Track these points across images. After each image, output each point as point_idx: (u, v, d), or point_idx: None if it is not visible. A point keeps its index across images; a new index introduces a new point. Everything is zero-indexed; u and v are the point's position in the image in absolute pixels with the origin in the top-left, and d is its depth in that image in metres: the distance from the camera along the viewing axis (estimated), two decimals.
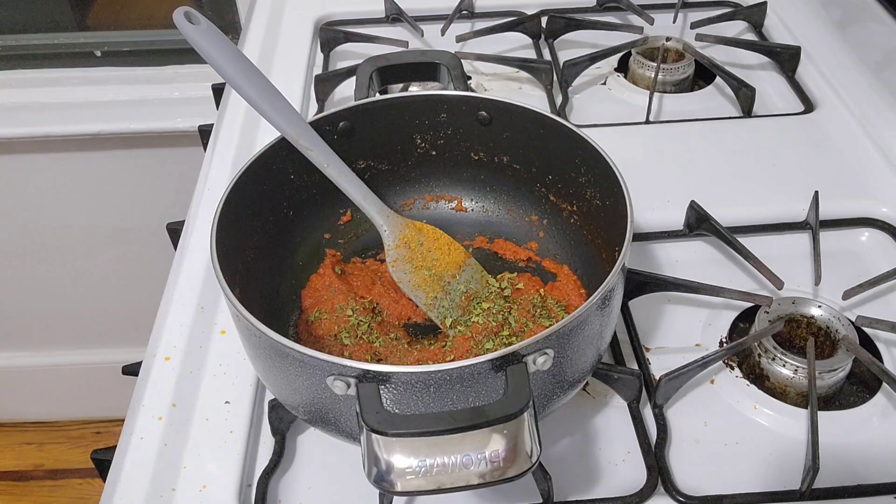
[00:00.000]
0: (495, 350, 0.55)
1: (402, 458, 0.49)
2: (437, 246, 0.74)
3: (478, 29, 1.12)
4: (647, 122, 0.99)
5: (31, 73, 1.40)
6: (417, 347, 0.69)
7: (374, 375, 0.51)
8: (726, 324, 0.75)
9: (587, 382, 0.68)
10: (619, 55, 1.08)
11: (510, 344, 0.64)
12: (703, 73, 1.06)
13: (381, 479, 0.49)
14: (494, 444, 0.49)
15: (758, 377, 0.70)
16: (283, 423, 0.66)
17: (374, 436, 0.49)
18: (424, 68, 0.87)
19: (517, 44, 1.14)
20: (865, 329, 0.72)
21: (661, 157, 0.93)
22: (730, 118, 0.99)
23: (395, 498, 0.62)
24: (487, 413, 0.49)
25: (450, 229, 0.80)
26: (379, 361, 0.67)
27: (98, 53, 1.40)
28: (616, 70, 1.09)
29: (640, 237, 0.83)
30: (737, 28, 1.16)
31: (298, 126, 0.68)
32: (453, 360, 0.65)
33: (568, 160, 0.72)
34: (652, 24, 1.10)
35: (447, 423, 0.48)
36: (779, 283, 0.75)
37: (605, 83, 1.07)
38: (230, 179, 0.67)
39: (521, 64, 1.05)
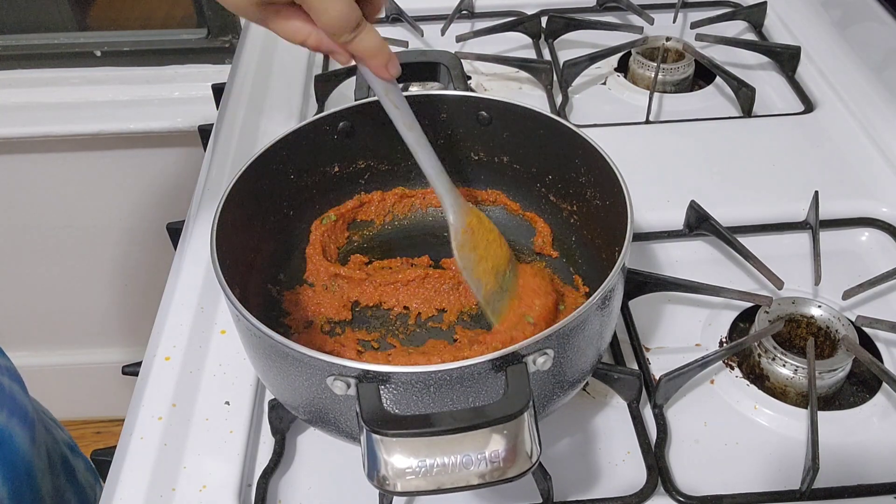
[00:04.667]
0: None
1: (402, 459, 0.49)
2: (492, 237, 0.70)
3: (478, 29, 1.12)
4: (647, 122, 0.99)
5: (31, 73, 1.40)
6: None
7: (374, 375, 0.51)
8: (726, 324, 0.75)
9: (587, 382, 0.68)
10: (619, 55, 1.08)
11: None
12: (703, 73, 1.06)
13: (381, 479, 0.49)
14: (494, 444, 0.49)
15: (758, 377, 0.70)
16: (283, 423, 0.66)
17: (374, 436, 0.49)
18: (424, 68, 0.86)
19: (517, 44, 1.14)
20: (865, 329, 0.72)
21: (661, 157, 0.93)
22: (730, 118, 0.99)
23: (395, 498, 0.62)
24: (487, 413, 0.49)
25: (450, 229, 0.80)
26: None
27: (98, 53, 1.40)
28: (616, 70, 1.09)
29: (640, 237, 0.83)
30: (737, 28, 1.16)
31: (388, 82, 0.64)
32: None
33: (568, 160, 0.72)
34: (652, 24, 1.10)
35: (447, 423, 0.48)
36: (779, 283, 0.75)
37: (605, 83, 1.07)
38: (230, 179, 0.67)
39: (521, 64, 1.05)
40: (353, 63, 0.62)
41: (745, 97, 0.99)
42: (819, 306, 0.72)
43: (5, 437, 0.69)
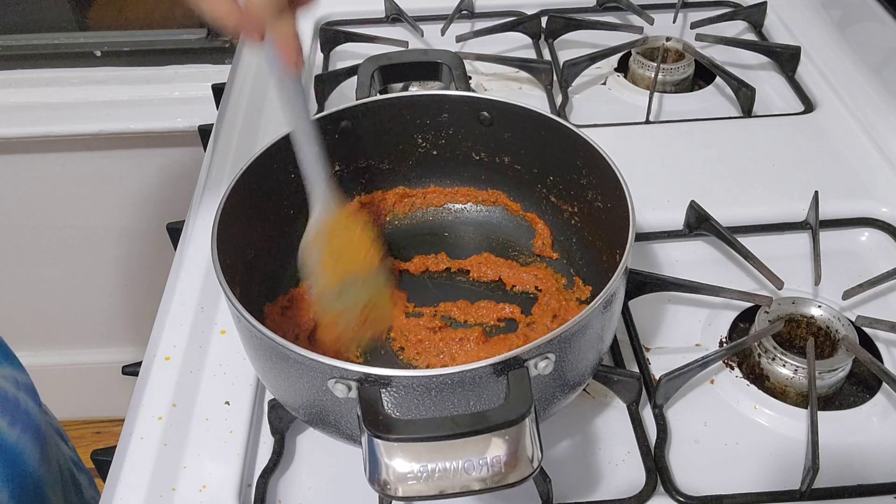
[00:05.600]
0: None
1: (404, 463, 0.49)
2: (357, 241, 0.70)
3: (478, 29, 1.12)
4: (647, 122, 0.99)
5: (31, 73, 1.40)
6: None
7: (375, 379, 0.51)
8: (726, 324, 0.75)
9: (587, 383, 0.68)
10: (619, 55, 1.08)
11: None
12: (703, 73, 1.06)
13: (383, 483, 0.49)
14: (496, 449, 0.49)
15: (758, 377, 0.70)
16: (282, 423, 0.66)
17: (375, 440, 0.49)
18: (426, 68, 0.87)
19: (517, 44, 1.13)
20: (865, 329, 0.72)
21: (661, 157, 0.93)
22: (730, 118, 0.99)
23: (396, 502, 0.62)
24: (489, 418, 0.49)
25: (450, 229, 0.80)
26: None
27: (98, 53, 1.39)
28: (616, 70, 1.08)
29: (640, 237, 0.83)
30: (737, 28, 1.16)
31: (290, 74, 0.64)
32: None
33: (569, 161, 0.72)
34: (652, 24, 1.10)
35: (449, 428, 0.48)
36: (779, 283, 0.75)
37: (605, 83, 1.07)
38: (230, 179, 0.67)
39: (521, 64, 1.05)
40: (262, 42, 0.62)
41: (745, 97, 0.99)
42: (819, 306, 0.72)
43: (16, 454, 0.69)
